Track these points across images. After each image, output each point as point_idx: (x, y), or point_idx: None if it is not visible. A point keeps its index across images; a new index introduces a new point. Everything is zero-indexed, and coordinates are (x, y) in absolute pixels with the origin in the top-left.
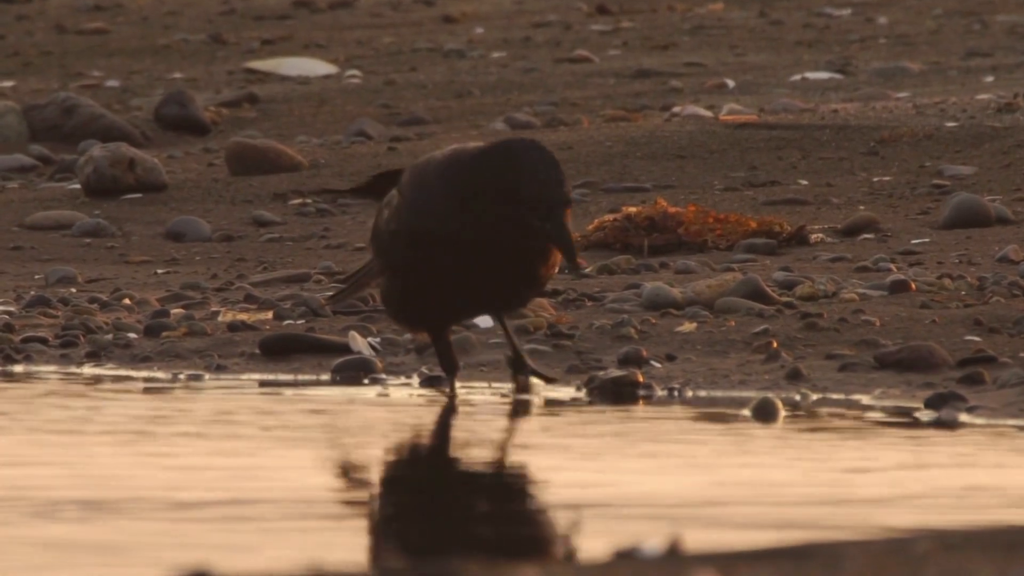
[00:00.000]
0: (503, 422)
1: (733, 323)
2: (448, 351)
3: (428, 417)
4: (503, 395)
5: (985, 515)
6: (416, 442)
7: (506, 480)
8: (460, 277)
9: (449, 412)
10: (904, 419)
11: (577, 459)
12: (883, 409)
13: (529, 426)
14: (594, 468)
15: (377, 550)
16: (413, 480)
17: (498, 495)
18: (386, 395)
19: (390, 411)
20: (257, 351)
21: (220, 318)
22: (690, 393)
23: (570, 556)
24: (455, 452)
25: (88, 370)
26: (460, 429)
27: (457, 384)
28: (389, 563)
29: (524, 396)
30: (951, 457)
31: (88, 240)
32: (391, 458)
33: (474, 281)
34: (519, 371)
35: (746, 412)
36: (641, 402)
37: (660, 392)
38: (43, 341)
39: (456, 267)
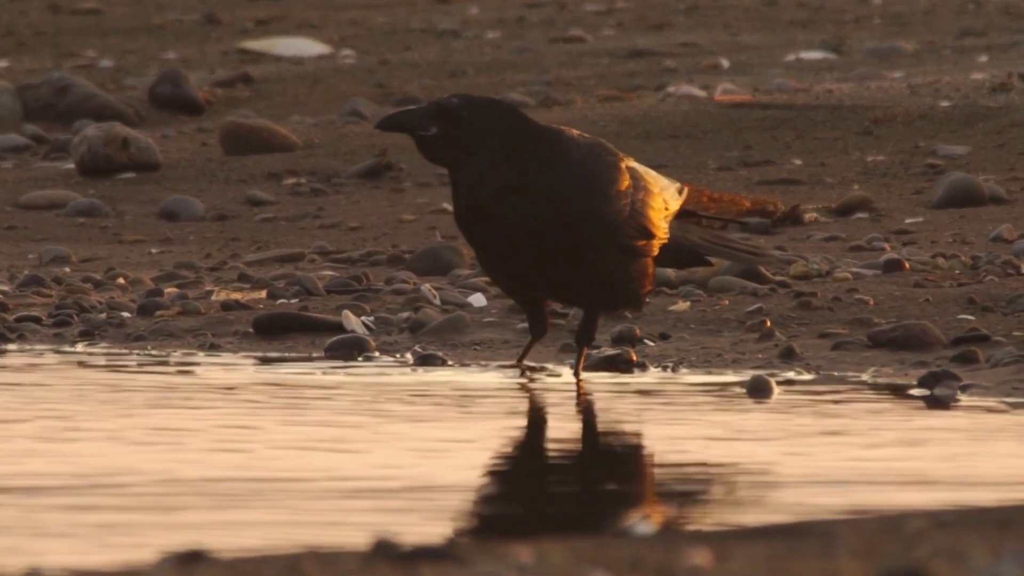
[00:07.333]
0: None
1: (727, 302)
2: (531, 317)
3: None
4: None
5: (978, 493)
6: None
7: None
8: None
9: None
10: (898, 397)
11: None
12: (876, 387)
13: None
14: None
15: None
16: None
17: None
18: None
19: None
20: (250, 330)
21: (214, 297)
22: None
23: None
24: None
25: (81, 349)
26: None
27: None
28: (388, 540)
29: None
30: (943, 435)
31: (82, 220)
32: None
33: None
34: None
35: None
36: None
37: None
38: (37, 320)
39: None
